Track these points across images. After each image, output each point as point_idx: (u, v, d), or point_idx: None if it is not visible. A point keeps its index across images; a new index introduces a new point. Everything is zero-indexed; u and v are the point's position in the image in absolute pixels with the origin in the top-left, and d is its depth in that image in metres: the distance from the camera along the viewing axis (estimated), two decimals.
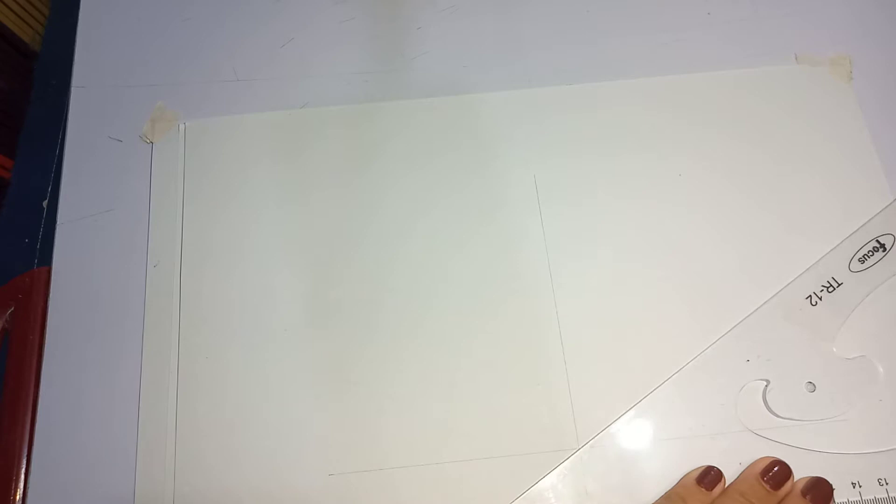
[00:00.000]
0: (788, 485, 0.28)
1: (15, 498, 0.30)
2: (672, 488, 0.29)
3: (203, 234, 0.34)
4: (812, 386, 0.30)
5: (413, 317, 0.32)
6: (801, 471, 0.29)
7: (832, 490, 0.28)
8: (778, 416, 0.30)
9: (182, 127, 0.36)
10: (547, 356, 0.31)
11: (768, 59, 0.37)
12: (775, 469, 0.28)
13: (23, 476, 0.30)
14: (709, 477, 0.28)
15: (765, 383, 0.30)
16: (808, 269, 0.32)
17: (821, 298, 0.31)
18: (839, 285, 0.32)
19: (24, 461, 0.30)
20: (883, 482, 0.29)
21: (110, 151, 0.36)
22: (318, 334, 0.32)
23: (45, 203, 0.36)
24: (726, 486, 0.29)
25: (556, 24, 0.39)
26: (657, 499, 0.29)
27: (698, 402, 0.30)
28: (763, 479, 0.28)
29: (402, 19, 0.39)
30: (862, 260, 0.32)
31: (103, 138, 0.36)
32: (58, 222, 0.34)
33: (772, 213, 0.34)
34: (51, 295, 0.33)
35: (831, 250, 0.33)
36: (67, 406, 0.31)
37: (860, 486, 0.29)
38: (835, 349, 0.31)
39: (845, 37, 0.38)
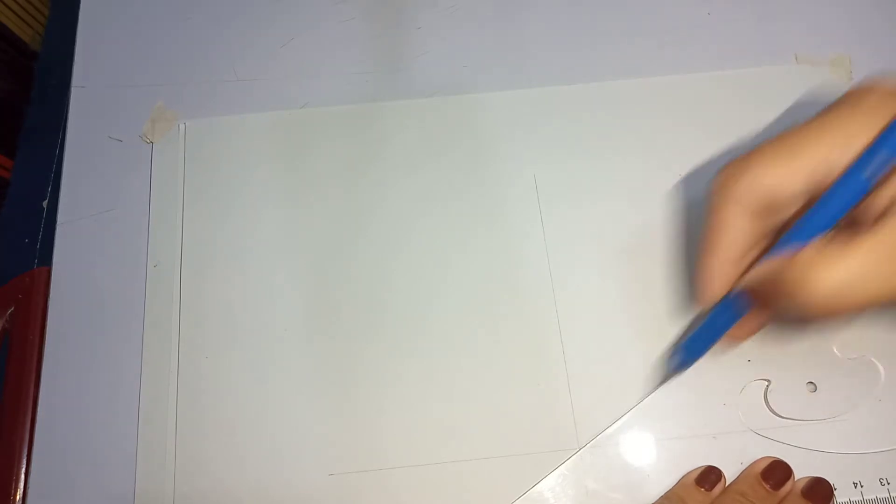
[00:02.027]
0: (789, 485, 0.28)
1: (15, 498, 0.30)
2: (671, 489, 0.29)
3: (203, 234, 0.34)
4: (813, 386, 0.30)
5: (413, 317, 0.32)
6: (803, 471, 0.29)
7: (833, 490, 0.28)
8: (779, 416, 0.30)
9: (182, 127, 0.36)
10: (547, 356, 0.31)
11: (768, 59, 0.37)
12: (776, 469, 0.28)
13: (23, 476, 0.30)
14: (709, 477, 0.28)
15: (766, 383, 0.30)
16: None
17: None
18: None
19: (24, 461, 0.30)
20: (884, 482, 0.29)
21: (110, 151, 0.36)
22: (319, 334, 0.32)
23: (45, 203, 0.36)
24: (726, 485, 0.29)
25: (556, 24, 0.39)
26: (657, 499, 0.29)
27: (699, 401, 0.30)
28: (763, 479, 0.28)
29: (402, 19, 0.39)
30: None
31: (103, 138, 0.36)
32: (58, 222, 0.34)
33: None
34: (51, 295, 0.33)
35: None
36: (67, 406, 0.31)
37: (862, 486, 0.29)
38: (835, 349, 0.31)
39: (845, 37, 0.38)
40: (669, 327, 0.32)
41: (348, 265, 0.33)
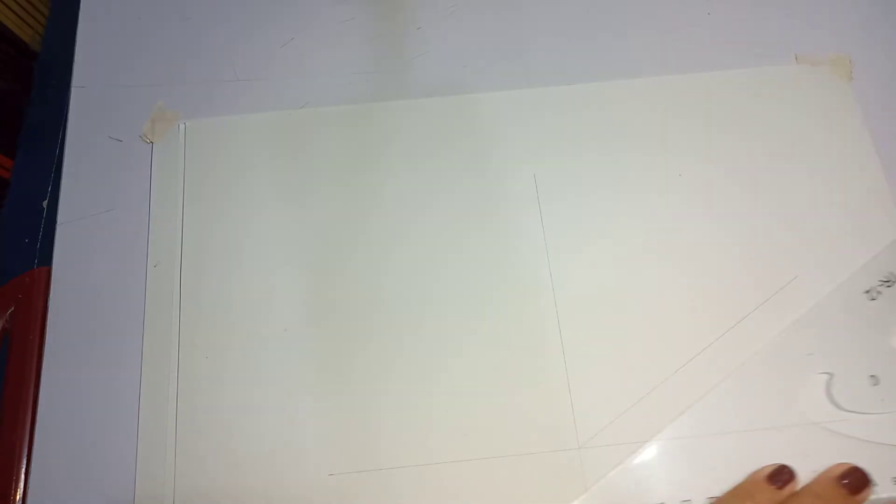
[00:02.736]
0: (867, 492, 0.28)
1: (15, 498, 0.30)
2: (741, 483, 0.29)
3: (203, 234, 0.34)
4: (875, 379, 0.30)
5: (413, 316, 0.32)
6: (868, 464, 0.29)
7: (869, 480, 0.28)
8: (842, 408, 0.30)
9: (182, 127, 0.36)
10: (547, 356, 0.31)
11: (768, 59, 0.37)
12: (854, 474, 0.28)
13: (23, 476, 0.30)
14: (781, 476, 0.28)
15: (828, 376, 0.30)
16: (865, 264, 0.32)
17: (880, 293, 0.32)
18: None
19: (24, 461, 0.30)
20: None
21: (110, 151, 0.36)
22: (318, 334, 0.32)
23: (45, 203, 0.36)
24: (799, 486, 0.28)
25: (556, 24, 0.39)
26: (724, 493, 0.28)
27: (763, 395, 0.30)
28: (841, 483, 0.28)
29: (402, 19, 0.39)
30: None
31: (103, 138, 0.36)
32: (58, 222, 0.34)
33: (771, 212, 0.34)
34: (51, 295, 0.33)
35: (887, 245, 0.33)
36: (67, 406, 0.31)
37: None
38: (895, 343, 0.31)
39: (845, 37, 0.38)
40: (669, 326, 0.32)
41: (348, 265, 0.33)
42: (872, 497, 0.28)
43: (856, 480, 0.28)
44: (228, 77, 0.38)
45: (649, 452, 0.30)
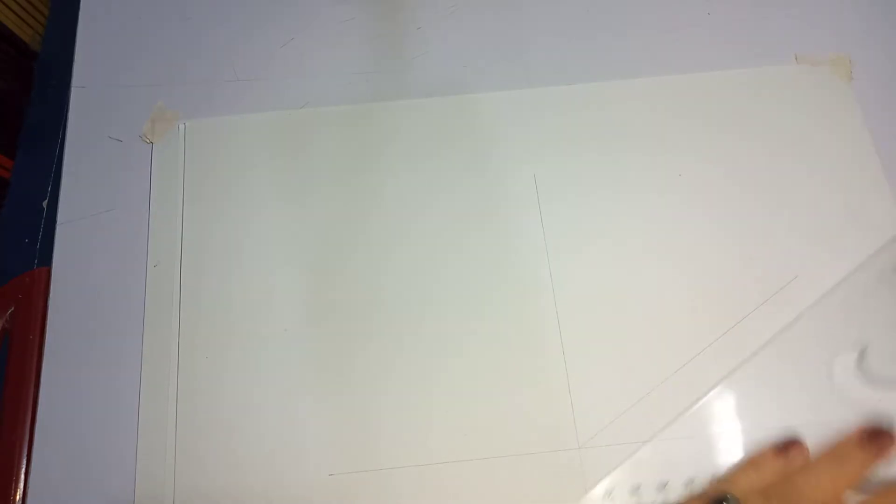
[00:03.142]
0: (893, 448, 0.28)
1: (15, 498, 0.30)
2: (748, 455, 0.29)
3: (203, 233, 0.34)
4: None
5: (413, 316, 0.32)
6: None
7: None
8: (874, 384, 0.30)
9: (182, 127, 0.36)
10: (547, 356, 0.31)
11: (768, 59, 0.37)
12: (875, 431, 0.28)
13: (23, 476, 0.30)
14: (787, 446, 0.28)
15: (859, 353, 0.31)
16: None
17: None
18: None
19: (24, 461, 0.30)
20: None
21: (110, 151, 0.36)
22: (318, 334, 0.32)
23: (45, 203, 0.36)
24: (812, 457, 0.28)
25: (556, 24, 0.39)
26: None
27: (791, 378, 0.31)
28: (862, 443, 0.28)
29: (402, 19, 0.39)
30: None
31: (103, 138, 0.36)
32: (58, 222, 0.34)
33: (771, 212, 0.34)
34: (51, 295, 0.33)
35: None
36: (67, 406, 0.31)
37: None
38: None
39: (845, 37, 0.38)
40: (669, 326, 0.32)
41: (348, 266, 0.33)
42: None
43: (878, 438, 0.28)
44: (228, 77, 0.38)
45: (661, 448, 0.30)
